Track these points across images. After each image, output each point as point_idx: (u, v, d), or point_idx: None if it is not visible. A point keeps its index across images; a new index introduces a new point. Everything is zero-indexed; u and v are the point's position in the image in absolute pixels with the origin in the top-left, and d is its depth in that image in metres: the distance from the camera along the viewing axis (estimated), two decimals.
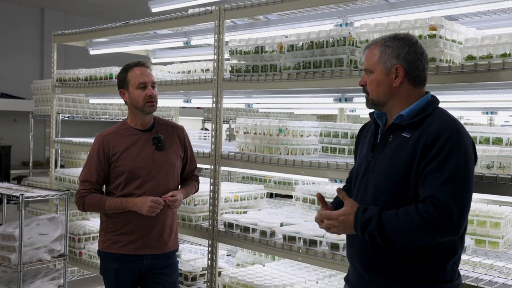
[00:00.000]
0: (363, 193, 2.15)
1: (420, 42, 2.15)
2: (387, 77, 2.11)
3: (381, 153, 2.11)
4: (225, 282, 3.65)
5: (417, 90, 2.14)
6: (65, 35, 5.27)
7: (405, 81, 2.11)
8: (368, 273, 2.13)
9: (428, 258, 2.02)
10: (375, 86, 2.14)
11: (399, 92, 2.11)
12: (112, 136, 3.09)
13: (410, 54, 2.09)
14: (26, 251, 3.98)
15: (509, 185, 2.41)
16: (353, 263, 2.23)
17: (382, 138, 2.15)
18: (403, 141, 2.05)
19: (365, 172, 2.17)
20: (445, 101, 3.51)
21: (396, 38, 2.12)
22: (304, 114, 7.52)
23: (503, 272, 2.75)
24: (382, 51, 2.11)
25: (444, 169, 1.93)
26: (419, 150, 1.99)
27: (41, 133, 8.97)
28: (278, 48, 3.36)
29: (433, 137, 1.97)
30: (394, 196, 2.03)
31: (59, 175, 5.16)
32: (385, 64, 2.10)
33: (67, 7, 10.04)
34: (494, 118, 5.29)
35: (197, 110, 8.48)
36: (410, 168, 2.00)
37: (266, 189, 4.88)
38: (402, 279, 2.05)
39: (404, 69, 2.09)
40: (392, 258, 2.05)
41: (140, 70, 3.06)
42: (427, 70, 2.16)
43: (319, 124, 3.72)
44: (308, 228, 3.24)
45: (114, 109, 6.05)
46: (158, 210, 2.96)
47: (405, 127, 2.08)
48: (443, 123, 2.02)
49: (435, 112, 2.08)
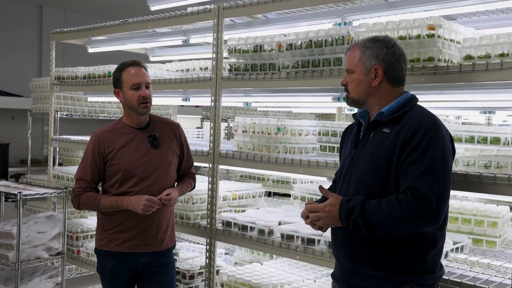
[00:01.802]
0: (346, 188, 2.24)
1: (398, 44, 2.25)
2: (366, 76, 2.21)
3: (363, 148, 2.21)
4: (223, 280, 3.66)
5: (396, 89, 2.23)
6: (64, 33, 5.27)
7: (384, 81, 2.21)
8: (351, 265, 2.21)
9: (409, 250, 2.10)
10: (355, 85, 2.24)
11: (378, 91, 2.22)
12: (108, 135, 3.08)
13: (388, 55, 2.20)
14: (24, 249, 3.98)
15: (506, 185, 2.41)
16: (338, 258, 2.30)
17: (364, 135, 2.24)
18: (384, 136, 2.15)
19: (348, 168, 2.26)
20: (443, 101, 3.53)
21: (376, 40, 2.23)
22: (302, 113, 7.52)
23: (500, 271, 2.76)
24: (362, 52, 2.22)
25: (423, 160, 2.02)
26: (398, 144, 2.08)
27: (39, 131, 8.94)
28: (277, 47, 3.36)
29: (412, 131, 2.07)
30: (376, 189, 2.12)
31: (57, 173, 5.15)
32: (365, 64, 2.21)
33: (65, 5, 10.03)
34: (492, 117, 5.30)
35: (196, 109, 8.47)
36: (390, 162, 2.09)
37: (265, 187, 4.89)
38: (384, 269, 2.12)
39: (383, 69, 2.20)
40: (374, 249, 2.13)
41: (135, 70, 3.04)
42: (405, 70, 2.26)
43: (318, 123, 3.73)
44: (306, 227, 3.23)
45: (113, 107, 6.04)
46: (154, 209, 2.96)
47: (385, 123, 2.17)
48: (422, 118, 2.11)
49: (414, 109, 2.18)
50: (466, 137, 2.94)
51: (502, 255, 2.98)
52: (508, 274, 2.69)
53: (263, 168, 3.48)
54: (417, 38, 2.70)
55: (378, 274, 2.13)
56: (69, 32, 5.20)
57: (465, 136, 2.94)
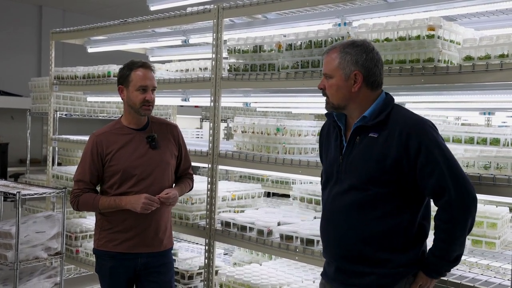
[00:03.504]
0: (337, 194, 2.26)
1: (376, 49, 2.26)
2: (346, 82, 2.23)
3: (351, 154, 2.23)
4: (222, 281, 3.65)
5: (374, 92, 2.26)
6: (63, 32, 5.26)
7: (363, 86, 2.23)
8: (348, 264, 2.24)
9: (401, 244, 2.17)
10: (335, 91, 2.25)
11: (357, 96, 2.24)
12: (106, 136, 3.08)
13: (367, 61, 2.21)
14: (23, 249, 3.97)
15: (506, 186, 2.42)
16: (331, 258, 2.33)
17: (350, 141, 2.26)
18: (372, 141, 2.19)
19: (338, 174, 2.27)
20: (443, 101, 3.53)
21: (355, 45, 2.24)
22: (302, 114, 7.52)
23: (499, 272, 2.76)
24: (341, 58, 2.23)
25: (432, 162, 2.09)
26: (392, 150, 2.13)
27: (39, 131, 8.93)
28: (277, 47, 3.36)
29: (405, 136, 2.11)
30: (369, 194, 2.17)
31: (56, 173, 5.15)
32: (344, 70, 2.22)
33: (65, 5, 10.02)
34: (491, 118, 5.30)
35: (195, 109, 8.46)
36: (383, 167, 2.14)
37: (264, 188, 4.89)
38: (382, 266, 2.17)
39: (362, 75, 2.21)
40: (370, 246, 2.18)
41: (144, 72, 3.06)
42: (382, 74, 2.28)
43: (317, 124, 3.73)
44: (305, 227, 3.25)
45: (112, 107, 6.04)
46: (153, 207, 2.96)
47: (370, 127, 2.20)
48: (408, 120, 2.17)
49: (395, 110, 2.23)
50: (465, 138, 2.93)
51: (502, 256, 2.98)
52: (507, 275, 2.69)
53: (262, 169, 3.48)
54: (417, 38, 2.70)
55: (377, 271, 2.18)
56: (69, 32, 5.20)
57: (464, 137, 2.93)
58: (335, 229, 2.27)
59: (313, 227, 3.22)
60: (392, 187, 2.16)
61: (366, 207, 2.18)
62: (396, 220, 2.16)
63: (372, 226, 2.17)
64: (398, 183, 2.15)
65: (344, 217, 2.23)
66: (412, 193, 2.18)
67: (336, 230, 2.27)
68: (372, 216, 2.17)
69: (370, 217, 2.18)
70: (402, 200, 2.17)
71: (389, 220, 2.16)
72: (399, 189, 2.16)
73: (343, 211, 2.24)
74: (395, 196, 2.17)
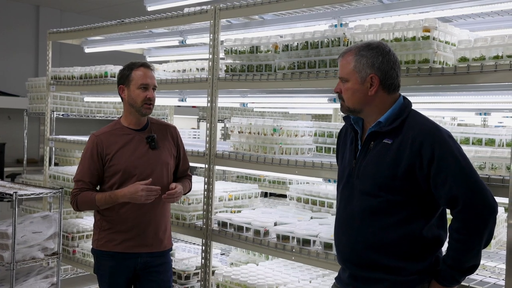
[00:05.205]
0: (349, 199, 2.23)
1: (393, 50, 2.21)
2: (362, 86, 2.18)
3: (364, 159, 2.20)
4: (219, 281, 3.66)
5: (391, 96, 2.21)
6: (60, 33, 5.26)
7: (379, 89, 2.18)
8: (360, 271, 2.20)
9: (415, 252, 2.12)
10: (351, 95, 2.20)
11: (374, 100, 2.19)
12: (106, 136, 3.09)
13: (384, 64, 2.16)
14: (19, 249, 3.97)
15: (500, 186, 2.42)
16: (344, 264, 2.29)
17: (364, 145, 2.22)
18: (385, 147, 2.14)
19: (349, 179, 2.24)
20: (439, 102, 3.55)
21: (370, 48, 2.18)
22: (298, 114, 7.54)
23: (494, 272, 2.77)
24: (357, 61, 2.17)
25: (446, 169, 2.04)
26: (405, 157, 2.08)
27: (36, 131, 8.92)
28: (273, 48, 3.37)
29: (418, 144, 2.07)
30: (380, 200, 2.13)
31: (53, 173, 5.15)
32: (360, 73, 2.17)
33: (62, 5, 10.00)
34: (487, 119, 5.32)
35: (192, 109, 8.47)
36: (395, 174, 2.09)
37: (261, 188, 4.89)
38: (397, 273, 2.13)
39: (379, 78, 2.16)
40: (381, 254, 2.14)
41: (145, 71, 3.08)
42: (399, 77, 2.22)
43: (314, 124, 3.74)
44: (302, 227, 3.25)
45: (109, 108, 6.04)
46: (155, 194, 2.93)
47: (385, 133, 2.16)
48: (422, 127, 2.11)
49: (411, 116, 2.17)
50: (461, 139, 2.95)
51: (497, 256, 2.99)
52: (502, 275, 2.70)
53: (259, 169, 3.49)
54: (413, 40, 2.72)
55: (390, 278, 2.13)
56: (66, 32, 5.20)
57: (460, 138, 2.95)
58: (347, 235, 2.23)
59: (309, 227, 3.23)
60: (404, 195, 2.11)
61: (378, 214, 2.14)
62: (409, 228, 2.11)
63: (384, 233, 2.13)
64: (411, 191, 2.11)
65: (355, 223, 2.19)
66: (426, 202, 2.13)
67: (347, 236, 2.23)
68: (384, 223, 2.13)
69: (382, 224, 2.13)
70: (415, 208, 2.12)
71: (402, 228, 2.12)
72: (412, 197, 2.11)
73: (354, 217, 2.20)
74: (408, 204, 2.12)
